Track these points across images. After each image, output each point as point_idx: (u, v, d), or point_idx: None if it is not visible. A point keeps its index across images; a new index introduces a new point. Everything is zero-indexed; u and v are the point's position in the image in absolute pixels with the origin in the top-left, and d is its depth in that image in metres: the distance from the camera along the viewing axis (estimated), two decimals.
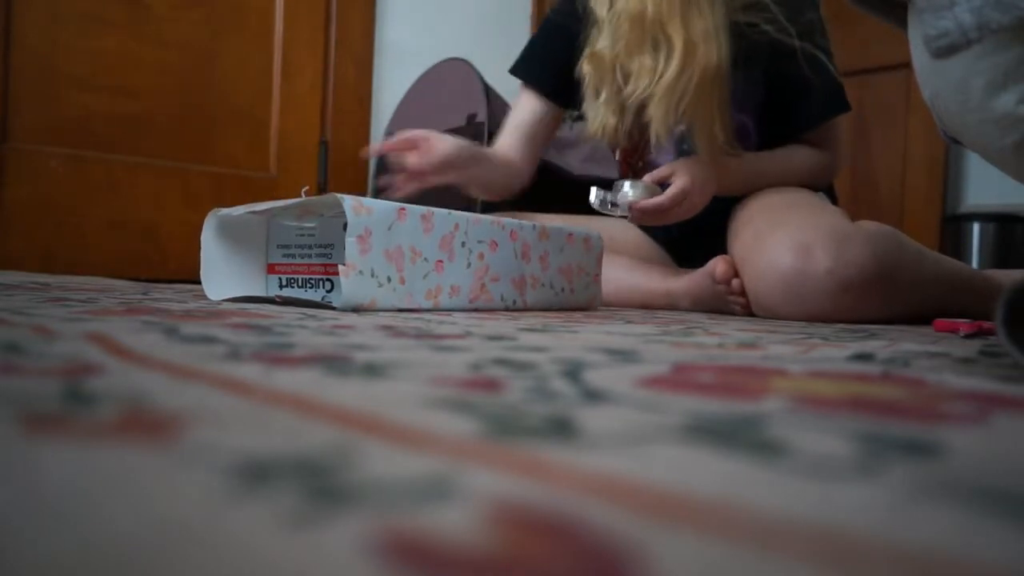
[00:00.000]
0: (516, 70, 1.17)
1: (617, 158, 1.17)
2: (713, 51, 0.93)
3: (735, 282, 0.92)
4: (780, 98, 1.03)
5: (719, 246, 1.02)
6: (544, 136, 1.17)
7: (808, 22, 1.00)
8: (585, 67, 1.03)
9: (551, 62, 1.11)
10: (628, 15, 0.95)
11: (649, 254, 1.15)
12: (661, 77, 0.94)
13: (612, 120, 1.03)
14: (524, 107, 1.15)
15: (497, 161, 1.09)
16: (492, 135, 1.48)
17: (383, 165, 1.75)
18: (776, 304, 0.86)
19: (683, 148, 1.08)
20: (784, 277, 0.85)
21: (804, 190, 1.04)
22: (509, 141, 1.15)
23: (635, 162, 1.14)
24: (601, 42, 1.00)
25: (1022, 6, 0.34)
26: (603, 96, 1.02)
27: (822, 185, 1.08)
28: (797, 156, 1.06)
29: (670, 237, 1.16)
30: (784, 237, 0.86)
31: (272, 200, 0.70)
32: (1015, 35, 0.37)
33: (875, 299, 0.85)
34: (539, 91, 1.13)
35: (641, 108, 1.00)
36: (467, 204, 1.42)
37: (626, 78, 0.99)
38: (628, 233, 1.18)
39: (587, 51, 1.02)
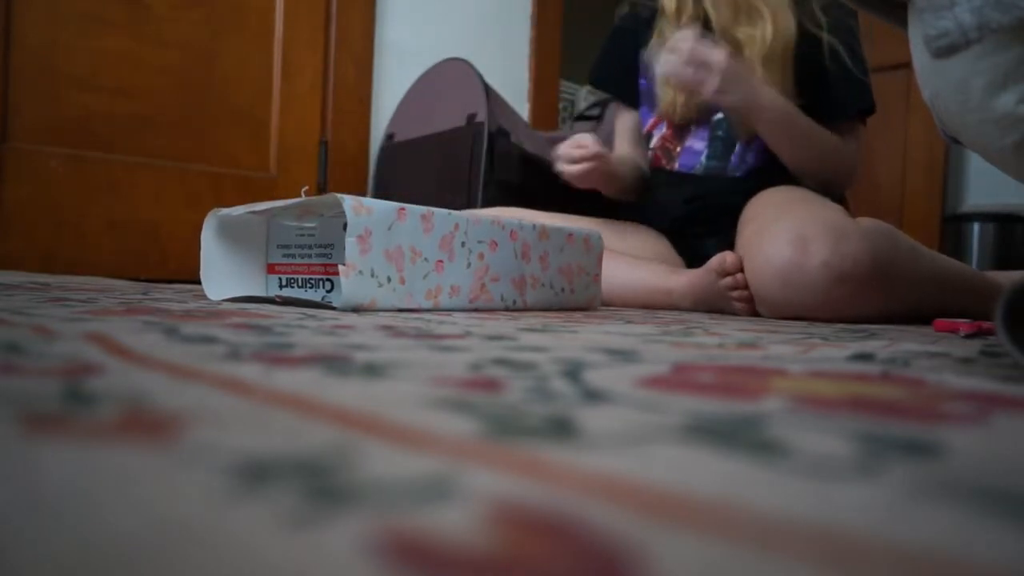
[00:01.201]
0: (596, 82, 1.33)
1: (654, 144, 1.22)
2: (791, 20, 1.06)
3: (739, 275, 0.92)
4: (807, 87, 1.08)
5: (723, 245, 1.03)
6: (642, 134, 1.27)
7: (842, 21, 1.07)
8: (655, 49, 1.11)
9: (624, 72, 1.24)
10: None
11: (653, 252, 1.16)
12: (762, 42, 1.06)
13: (682, 96, 1.13)
14: (625, 118, 1.29)
15: (631, 165, 1.22)
16: (492, 135, 1.48)
17: (383, 165, 1.75)
18: (774, 296, 0.87)
19: (717, 135, 1.12)
20: (781, 269, 0.86)
21: (806, 189, 1.06)
22: (629, 147, 1.27)
23: (672, 149, 1.19)
24: (669, 30, 1.11)
25: (1022, 6, 0.34)
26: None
27: (837, 179, 1.11)
28: (819, 128, 1.09)
29: (676, 237, 1.18)
30: (782, 230, 0.88)
31: (272, 200, 0.71)
32: (1015, 35, 0.37)
33: (870, 293, 0.85)
34: (627, 103, 1.27)
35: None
36: (466, 204, 1.42)
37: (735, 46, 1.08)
38: (630, 231, 1.18)
39: (656, 40, 1.12)
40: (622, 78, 1.26)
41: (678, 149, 1.18)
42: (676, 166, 1.19)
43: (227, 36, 1.59)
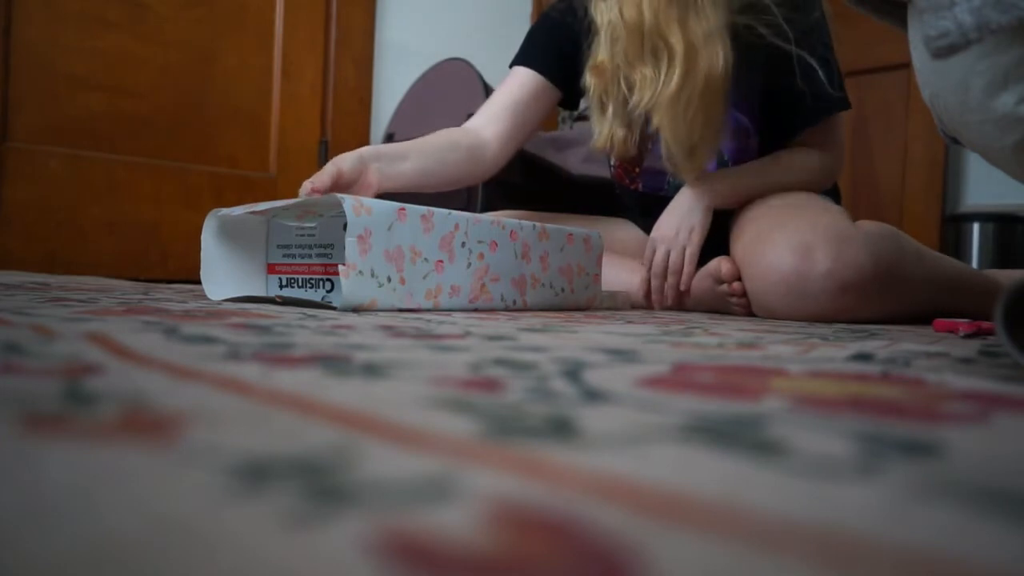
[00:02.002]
0: (515, 61, 1.09)
1: (613, 163, 1.15)
2: (717, 55, 0.91)
3: (736, 284, 0.92)
4: (777, 99, 1.02)
5: (721, 247, 1.02)
6: (533, 116, 1.06)
7: (809, 22, 0.97)
8: (589, 78, 1.00)
9: (552, 48, 1.06)
10: (625, 25, 0.92)
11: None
12: (664, 87, 0.91)
13: (621, 132, 1.01)
14: (513, 83, 1.06)
15: (429, 148, 0.96)
16: None
17: None
18: (776, 304, 0.86)
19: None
20: (784, 278, 0.85)
21: (806, 192, 1.04)
22: (490, 116, 1.04)
23: (631, 169, 1.12)
24: (602, 53, 0.97)
25: (1022, 6, 0.34)
26: (610, 109, 1.00)
27: (824, 187, 1.07)
28: (797, 160, 1.04)
29: None
30: (784, 238, 0.87)
31: (272, 200, 0.70)
32: (1015, 35, 0.37)
33: (875, 299, 0.85)
34: (537, 69, 1.05)
35: (648, 118, 0.99)
36: (465, 204, 1.42)
37: (630, 89, 0.96)
38: (629, 233, 1.18)
39: (590, 62, 0.99)
40: (544, 54, 1.06)
41: (636, 171, 1.11)
42: (640, 187, 1.12)
43: (227, 36, 1.59)
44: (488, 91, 1.54)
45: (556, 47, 1.06)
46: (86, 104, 1.43)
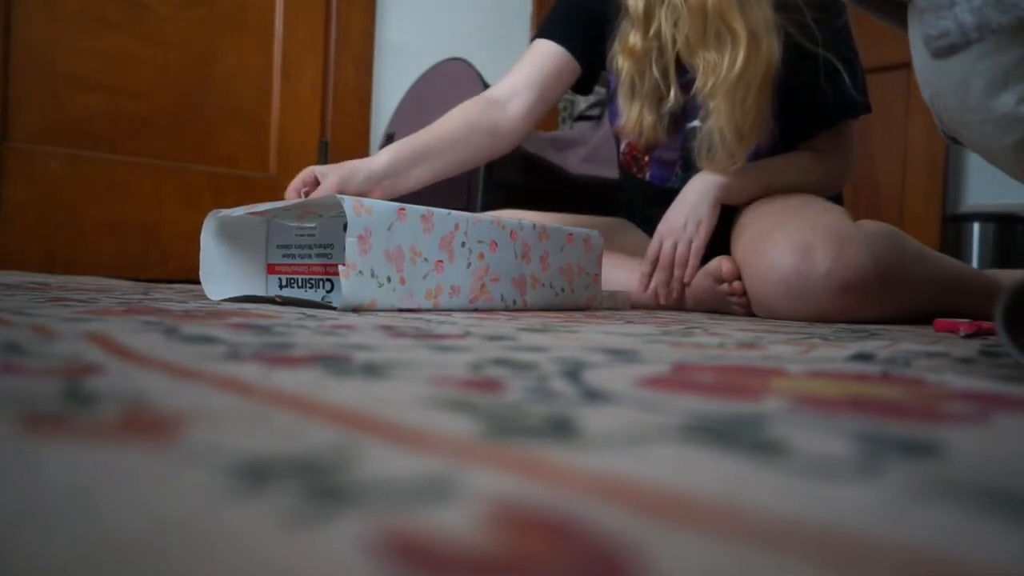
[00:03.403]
0: (540, 33, 1.07)
1: (622, 150, 1.14)
2: (775, 43, 0.92)
3: (736, 283, 0.92)
4: (798, 99, 1.01)
5: (721, 247, 1.02)
6: (555, 92, 1.06)
7: (836, 25, 0.98)
8: (621, 61, 0.99)
9: (580, 26, 1.05)
10: (688, 8, 0.92)
11: None
12: (728, 71, 0.92)
13: (650, 118, 1.01)
14: (538, 55, 1.04)
15: (444, 144, 0.96)
16: None
17: None
18: (776, 304, 0.86)
19: (691, 145, 1.07)
20: (785, 278, 0.85)
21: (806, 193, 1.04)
22: (508, 88, 1.03)
23: (641, 157, 1.12)
24: (632, 36, 0.97)
25: (1022, 6, 0.34)
26: (642, 93, 1.00)
27: (831, 192, 1.06)
28: (805, 162, 1.03)
29: None
30: (785, 238, 0.86)
31: (272, 200, 0.70)
32: (1015, 35, 0.37)
33: (875, 300, 0.85)
34: (564, 45, 1.04)
35: (685, 107, 1.00)
36: (465, 204, 1.42)
37: (664, 75, 0.98)
38: (629, 233, 1.18)
39: (619, 45, 0.99)
40: (572, 29, 1.05)
41: (646, 159, 1.11)
42: (647, 176, 1.11)
43: (227, 36, 1.59)
44: None
45: (584, 26, 1.05)
46: (86, 104, 1.43)
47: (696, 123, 1.02)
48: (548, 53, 1.04)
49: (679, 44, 0.95)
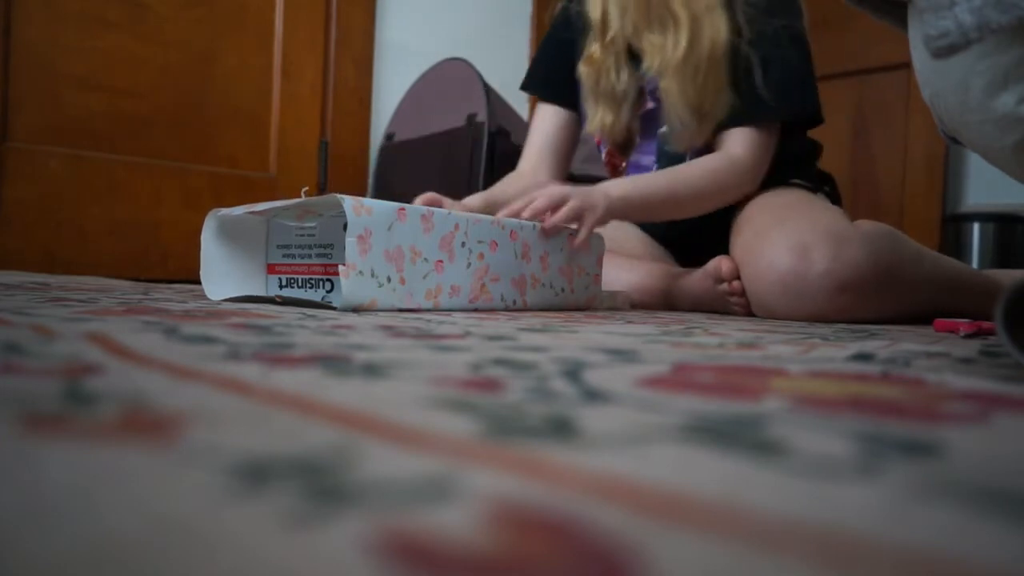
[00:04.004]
0: (527, 86, 1.19)
1: (603, 155, 1.17)
2: (719, 24, 0.96)
3: (735, 283, 0.92)
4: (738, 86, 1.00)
5: (720, 246, 1.02)
6: (569, 144, 1.16)
7: (773, 25, 0.97)
8: (582, 68, 1.06)
9: (558, 71, 1.13)
10: None
11: (650, 254, 1.15)
12: (673, 52, 0.96)
13: (609, 117, 1.06)
14: (543, 119, 1.15)
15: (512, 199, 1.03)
16: (492, 135, 1.48)
17: (383, 166, 1.75)
18: (775, 304, 0.86)
19: (664, 149, 1.07)
20: (782, 277, 0.85)
21: (804, 192, 1.04)
22: (533, 160, 1.14)
23: (619, 163, 1.15)
24: (593, 45, 1.04)
25: (1022, 6, 0.34)
26: (599, 95, 1.05)
27: (726, 201, 1.01)
28: (695, 172, 0.98)
29: (671, 237, 1.16)
30: (782, 237, 0.87)
31: (272, 200, 0.70)
32: (1015, 35, 0.37)
33: (873, 299, 0.85)
34: (554, 101, 1.14)
35: (635, 104, 1.03)
36: None
37: (619, 73, 1.02)
38: (629, 233, 1.18)
39: (583, 57, 1.05)
40: (554, 81, 1.14)
41: (624, 164, 1.13)
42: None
43: (227, 36, 1.59)
44: (488, 91, 1.54)
45: (562, 67, 1.12)
46: (86, 104, 1.43)
47: (665, 128, 1.05)
48: (546, 117, 1.15)
49: (627, 31, 1.01)
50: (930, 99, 0.45)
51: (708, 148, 1.04)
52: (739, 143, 1.00)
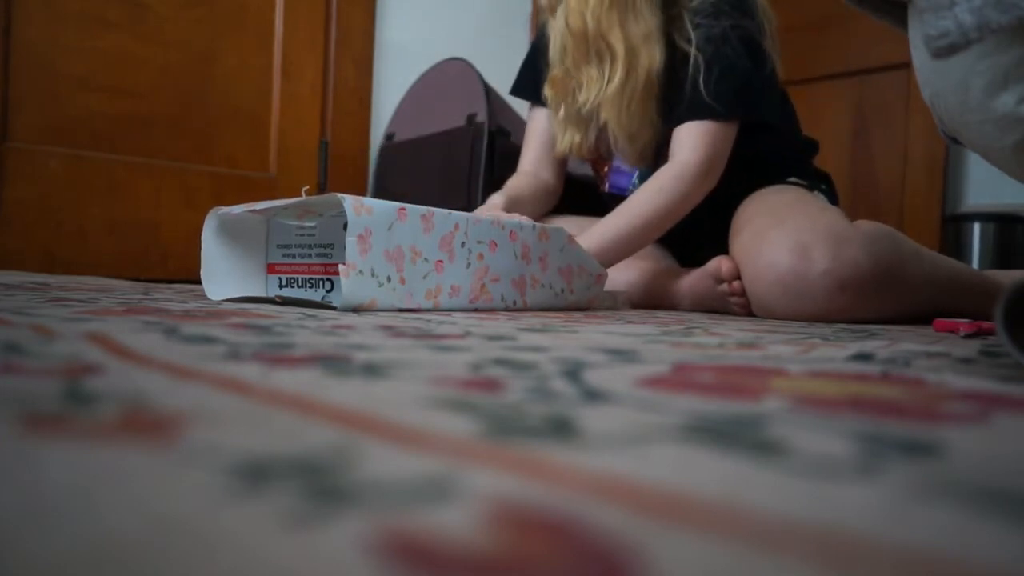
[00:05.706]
0: (516, 91, 1.23)
1: (589, 165, 1.20)
2: (655, 52, 0.98)
3: (735, 283, 0.92)
4: (670, 98, 1.02)
5: (720, 246, 1.02)
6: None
7: (720, 28, 0.97)
8: (547, 91, 1.09)
9: (543, 76, 1.15)
10: (571, 33, 1.01)
11: (650, 254, 1.15)
12: (608, 84, 1.00)
13: (577, 137, 1.10)
14: (538, 121, 1.18)
15: (527, 197, 1.10)
16: (492, 135, 1.48)
17: (383, 166, 1.75)
18: (774, 304, 0.86)
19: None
20: (782, 277, 0.85)
21: (802, 190, 1.05)
22: (532, 159, 1.18)
23: (600, 169, 1.16)
24: (555, 66, 1.07)
25: (1022, 6, 0.34)
26: (562, 115, 1.09)
27: (693, 198, 1.00)
28: (659, 191, 0.98)
29: (671, 237, 1.16)
30: (782, 237, 0.87)
31: (272, 200, 0.71)
32: (1015, 35, 0.37)
33: (873, 299, 0.85)
34: (544, 104, 1.16)
35: (602, 122, 1.06)
36: (465, 204, 1.42)
37: (579, 91, 1.05)
38: None
39: (548, 76, 1.09)
40: (541, 86, 1.14)
41: (605, 170, 1.15)
42: (606, 188, 1.14)
43: (227, 36, 1.59)
44: (488, 91, 1.54)
45: (543, 72, 1.15)
46: (86, 104, 1.42)
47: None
48: (540, 118, 1.19)
49: (567, 65, 1.04)
50: (930, 99, 0.45)
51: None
52: (687, 146, 1.00)
